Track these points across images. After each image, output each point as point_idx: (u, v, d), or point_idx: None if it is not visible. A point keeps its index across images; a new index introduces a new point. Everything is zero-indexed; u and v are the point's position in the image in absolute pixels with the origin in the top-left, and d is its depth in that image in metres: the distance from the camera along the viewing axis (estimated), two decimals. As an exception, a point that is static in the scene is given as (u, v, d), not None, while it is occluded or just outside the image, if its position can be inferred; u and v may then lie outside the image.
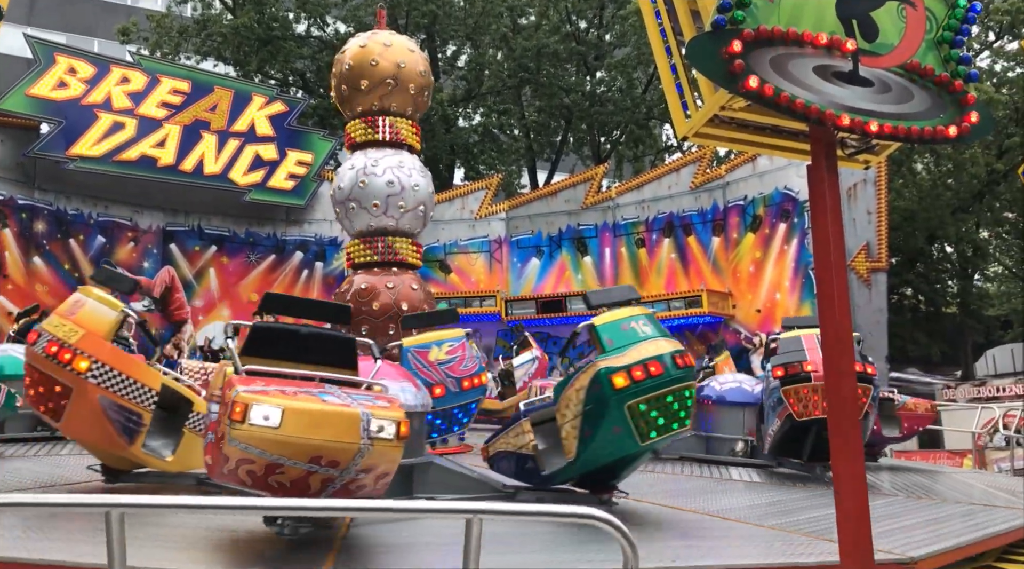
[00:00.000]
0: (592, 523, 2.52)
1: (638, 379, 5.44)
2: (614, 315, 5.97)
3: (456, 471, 6.50)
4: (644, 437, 5.51)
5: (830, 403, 3.98)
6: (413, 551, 4.51)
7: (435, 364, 8.92)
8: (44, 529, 4.67)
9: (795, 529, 5.80)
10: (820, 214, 4.01)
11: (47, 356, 5.73)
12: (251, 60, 24.41)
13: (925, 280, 26.96)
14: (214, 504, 2.56)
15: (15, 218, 16.61)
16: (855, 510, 3.79)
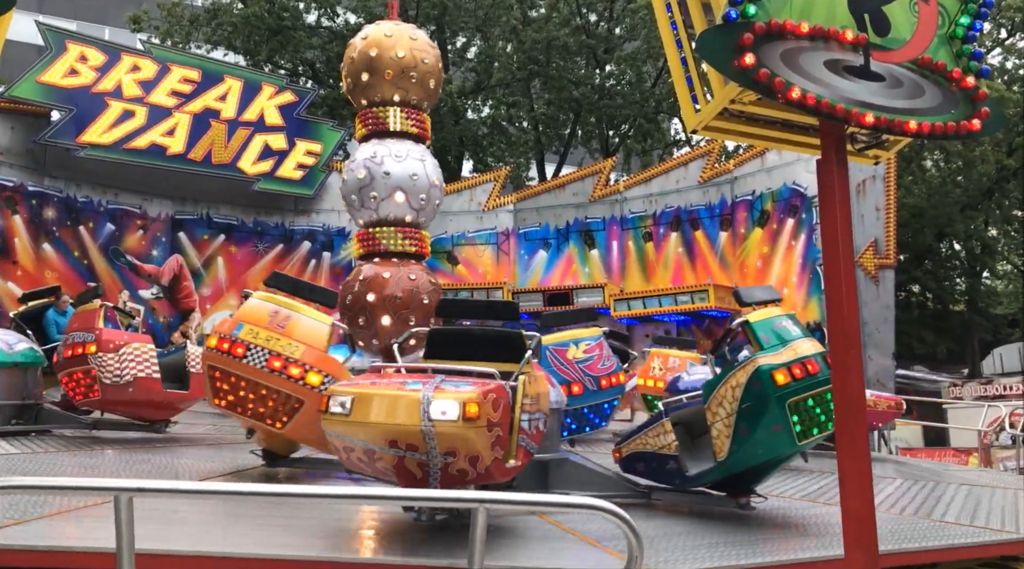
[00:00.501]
0: (598, 514, 2.53)
1: (798, 377, 5.40)
2: (766, 313, 5.90)
3: (591, 469, 6.49)
4: (802, 436, 5.46)
5: (836, 400, 3.98)
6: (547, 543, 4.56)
7: (572, 362, 8.95)
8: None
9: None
10: (829, 209, 4.00)
11: (272, 371, 5.94)
12: (261, 50, 24.43)
13: (933, 277, 26.89)
14: (234, 490, 2.57)
15: (25, 205, 16.68)
16: (860, 508, 3.80)
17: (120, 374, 7.98)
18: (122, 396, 8.11)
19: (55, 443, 8.12)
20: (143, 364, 8.15)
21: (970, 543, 5.54)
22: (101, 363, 7.97)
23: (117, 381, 7.99)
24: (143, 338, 8.52)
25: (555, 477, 6.29)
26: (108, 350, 8.02)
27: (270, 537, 4.60)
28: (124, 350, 8.09)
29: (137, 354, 8.16)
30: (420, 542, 4.65)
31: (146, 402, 8.34)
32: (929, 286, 27.30)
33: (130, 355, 8.10)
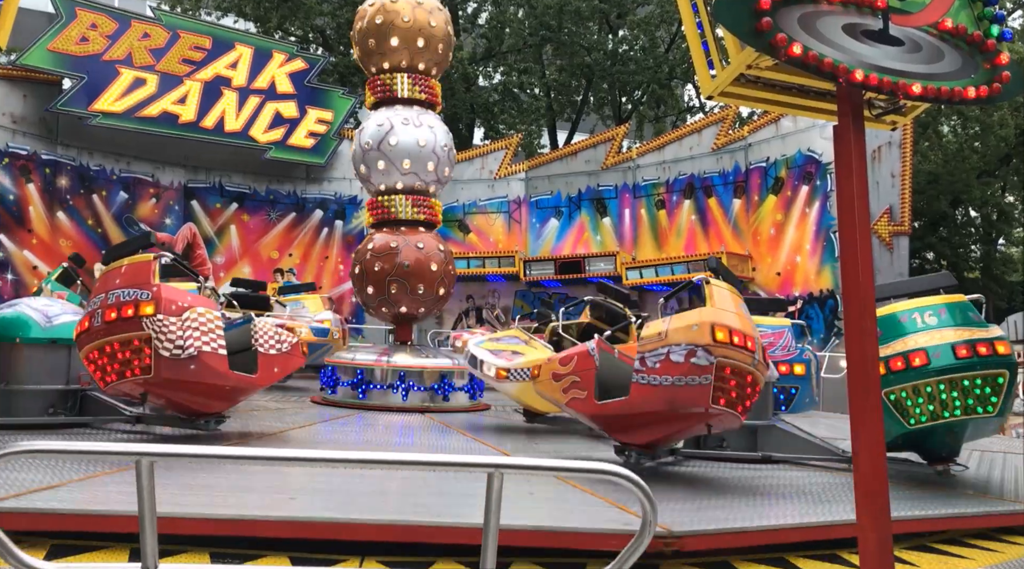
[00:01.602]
0: (612, 479, 2.55)
1: (896, 369, 5.99)
2: (894, 308, 6.44)
3: (797, 435, 7.11)
4: (907, 421, 6.04)
5: (850, 366, 3.98)
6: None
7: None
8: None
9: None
10: (845, 176, 3.97)
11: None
12: (272, 16, 24.28)
13: (948, 244, 26.71)
14: (247, 454, 2.61)
15: (39, 173, 16.75)
16: (873, 474, 3.81)
17: (182, 345, 6.13)
18: (181, 374, 6.20)
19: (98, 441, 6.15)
20: (209, 336, 6.27)
21: (984, 512, 5.56)
22: (161, 328, 6.09)
23: (178, 354, 6.12)
24: (207, 301, 6.60)
25: (763, 441, 7.09)
26: (171, 312, 6.15)
27: (287, 499, 4.68)
28: (188, 315, 6.22)
29: (203, 321, 6.27)
30: (436, 504, 4.72)
31: (206, 386, 6.39)
32: (944, 253, 27.12)
33: (195, 322, 6.22)
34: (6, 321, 6.99)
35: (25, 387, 6.90)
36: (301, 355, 7.27)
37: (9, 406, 6.84)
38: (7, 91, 16.52)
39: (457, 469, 2.49)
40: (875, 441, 3.83)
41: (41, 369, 6.98)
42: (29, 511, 4.19)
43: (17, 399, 6.88)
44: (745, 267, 17.46)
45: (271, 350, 6.89)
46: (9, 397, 6.86)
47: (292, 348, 7.08)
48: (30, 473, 4.86)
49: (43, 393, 6.98)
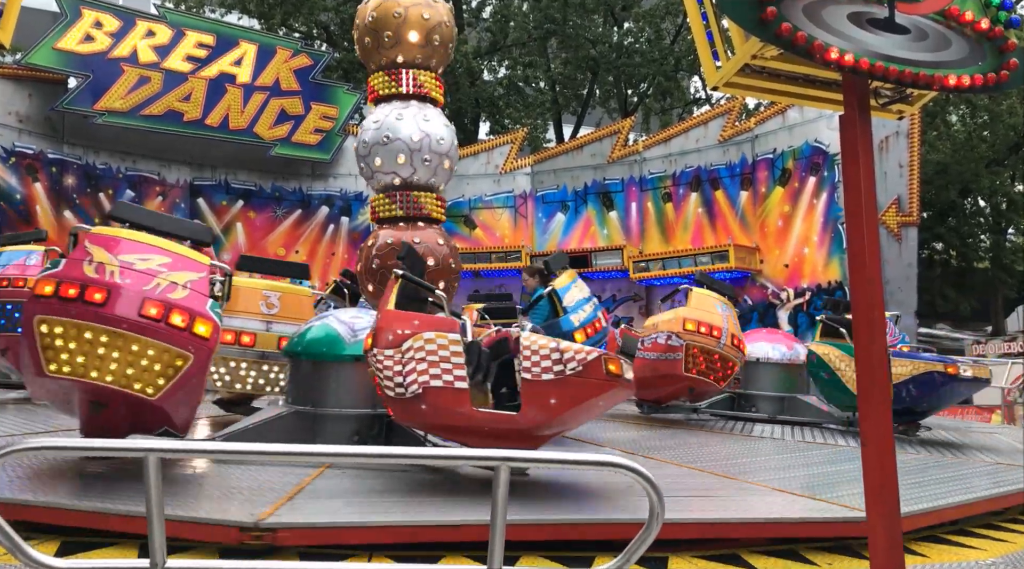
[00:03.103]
0: (618, 471, 2.54)
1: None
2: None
3: (810, 404, 10.04)
4: None
5: (859, 359, 3.96)
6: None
7: None
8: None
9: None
10: (852, 166, 3.94)
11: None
12: (275, 13, 24.27)
13: (957, 234, 26.57)
14: (257, 449, 2.60)
15: (45, 172, 16.80)
16: (882, 469, 3.79)
17: (403, 383, 5.18)
18: (415, 416, 5.39)
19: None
20: (441, 367, 5.09)
21: (991, 495, 5.54)
22: (378, 364, 5.27)
23: (402, 393, 5.19)
24: (441, 322, 5.36)
25: (788, 408, 10.14)
26: (387, 344, 5.23)
27: (299, 501, 4.68)
28: (411, 343, 5.12)
29: (430, 350, 5.10)
30: (442, 501, 4.72)
31: (452, 429, 5.37)
32: (953, 243, 26.99)
33: (419, 352, 5.11)
34: (314, 337, 6.42)
35: (329, 410, 6.25)
36: (607, 380, 4.95)
37: (320, 430, 6.21)
38: (12, 90, 16.56)
39: (463, 462, 2.48)
40: (883, 434, 3.81)
41: (347, 390, 6.28)
42: (39, 505, 4.21)
43: (322, 423, 6.23)
44: (752, 259, 17.40)
45: (544, 375, 4.94)
46: (317, 421, 6.24)
47: (587, 369, 4.89)
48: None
49: (348, 417, 6.27)
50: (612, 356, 4.88)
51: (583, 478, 5.40)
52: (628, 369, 4.94)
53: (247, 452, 2.51)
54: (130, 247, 4.86)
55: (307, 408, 6.22)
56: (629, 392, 5.16)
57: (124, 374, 4.61)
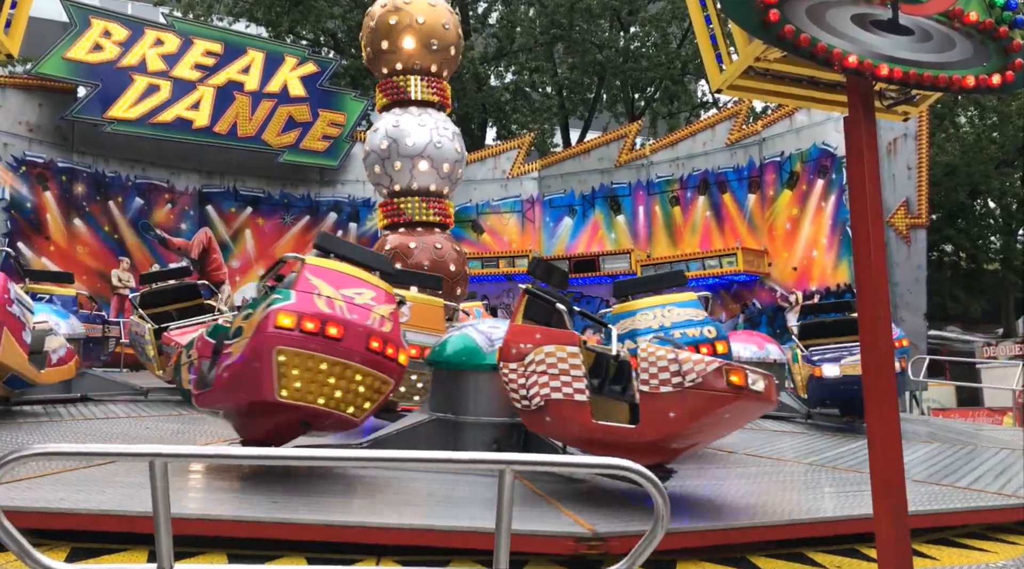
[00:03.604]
0: (624, 474, 2.54)
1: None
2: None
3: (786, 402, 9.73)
4: None
5: (865, 358, 3.94)
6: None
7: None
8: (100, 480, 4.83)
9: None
10: (857, 167, 3.93)
11: None
12: (283, 21, 24.36)
13: (966, 236, 26.41)
14: (257, 454, 2.62)
15: (55, 181, 16.89)
16: (889, 469, 3.78)
17: (527, 395, 5.38)
18: (542, 427, 5.56)
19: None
20: (561, 379, 5.16)
21: (1002, 505, 5.51)
22: (506, 378, 5.56)
23: (527, 406, 5.40)
24: (563, 336, 5.40)
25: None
26: (511, 358, 5.49)
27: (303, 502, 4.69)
28: (532, 356, 5.34)
29: (551, 363, 5.24)
30: (446, 506, 4.72)
31: (575, 441, 5.51)
32: (962, 245, 26.84)
33: (541, 365, 5.26)
34: (454, 347, 6.56)
35: (468, 418, 6.35)
36: (728, 392, 4.58)
37: (461, 437, 6.32)
38: (23, 100, 16.67)
39: (468, 466, 2.49)
40: (891, 435, 3.79)
41: (486, 399, 6.34)
42: (48, 511, 4.22)
43: (463, 430, 6.34)
44: (761, 262, 17.37)
45: (662, 387, 4.70)
46: (458, 428, 6.36)
47: (707, 380, 4.56)
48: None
49: (488, 425, 6.34)
50: (735, 366, 4.58)
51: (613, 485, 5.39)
52: (756, 380, 4.55)
53: (260, 457, 2.52)
54: (345, 281, 5.35)
55: (448, 416, 6.38)
56: (763, 405, 4.70)
57: (339, 399, 5.06)
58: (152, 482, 2.39)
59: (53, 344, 8.14)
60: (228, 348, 5.34)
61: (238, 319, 5.52)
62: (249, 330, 5.17)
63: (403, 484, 5.22)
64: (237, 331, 5.35)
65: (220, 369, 5.30)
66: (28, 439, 6.60)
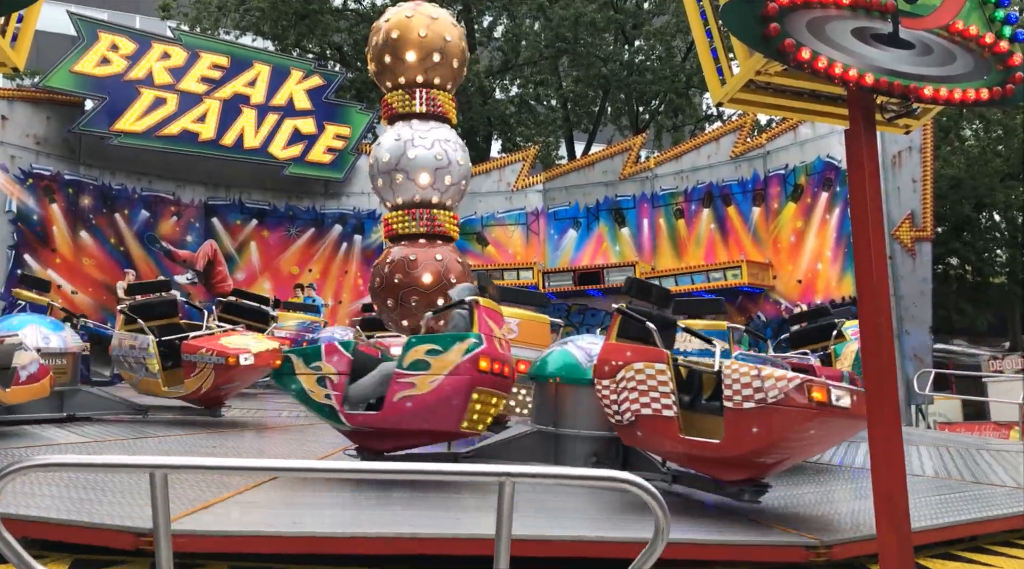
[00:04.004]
0: (625, 488, 2.54)
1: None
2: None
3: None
4: None
5: (866, 370, 3.94)
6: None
7: None
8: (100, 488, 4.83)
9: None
10: (858, 179, 3.95)
11: None
12: (289, 34, 24.52)
13: (972, 249, 26.36)
14: (261, 466, 2.62)
15: (62, 193, 16.97)
16: (892, 484, 3.76)
17: (619, 410, 5.69)
18: (636, 442, 5.87)
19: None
20: (649, 395, 5.46)
21: (1007, 513, 5.48)
22: (600, 394, 5.87)
23: (620, 421, 5.73)
24: (653, 354, 5.62)
25: None
26: (603, 375, 5.78)
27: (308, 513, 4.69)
28: (623, 373, 5.65)
29: (640, 379, 5.55)
30: (449, 517, 4.71)
31: (668, 455, 5.87)
32: (968, 258, 26.78)
33: (631, 381, 5.62)
34: (555, 362, 6.83)
35: (568, 431, 6.60)
36: (810, 408, 4.62)
37: (561, 450, 6.63)
38: (31, 113, 16.78)
39: (467, 478, 2.49)
40: (894, 449, 3.78)
41: (586, 413, 6.52)
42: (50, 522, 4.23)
43: (563, 443, 6.63)
44: (765, 275, 17.35)
45: (745, 403, 4.81)
46: (559, 441, 6.65)
47: (789, 396, 4.63)
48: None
49: (587, 439, 6.56)
50: (818, 383, 4.61)
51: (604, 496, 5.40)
52: (841, 396, 4.56)
53: (251, 469, 2.52)
54: (497, 318, 6.27)
55: (548, 428, 6.69)
56: (853, 421, 4.67)
57: (487, 423, 6.12)
58: (152, 493, 2.39)
59: (22, 359, 7.58)
60: (408, 379, 5.82)
61: (416, 351, 5.92)
62: (443, 368, 5.77)
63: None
64: (421, 364, 5.86)
65: (399, 398, 5.78)
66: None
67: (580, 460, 6.42)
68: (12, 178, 16.20)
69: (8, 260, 15.96)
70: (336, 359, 6.14)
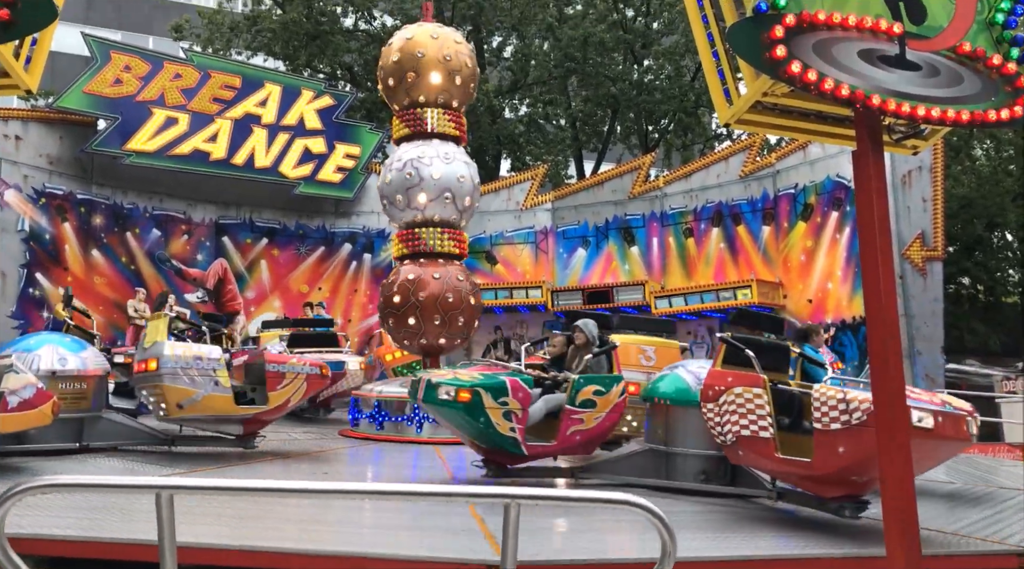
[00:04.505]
0: (630, 509, 2.53)
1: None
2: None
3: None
4: None
5: (875, 394, 3.92)
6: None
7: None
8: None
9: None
10: (866, 201, 3.95)
11: None
12: (300, 55, 24.72)
13: (984, 269, 26.19)
14: (264, 486, 2.62)
15: (74, 212, 17.09)
16: (902, 505, 3.73)
17: (722, 431, 6.36)
18: (740, 461, 6.45)
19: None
20: (748, 418, 6.02)
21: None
22: (706, 416, 6.48)
23: (725, 441, 6.40)
24: (747, 378, 6.24)
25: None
26: (707, 398, 6.49)
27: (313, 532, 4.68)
28: (725, 397, 6.26)
29: (740, 403, 6.12)
30: (450, 539, 4.68)
31: (769, 473, 6.43)
32: (980, 278, 26.61)
33: (732, 404, 6.17)
34: (666, 385, 7.41)
35: (678, 450, 7.17)
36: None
37: (671, 467, 7.24)
38: (44, 133, 16.93)
39: (472, 500, 2.48)
40: (903, 471, 3.75)
41: (695, 433, 7.03)
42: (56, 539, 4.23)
43: (673, 460, 7.21)
44: (775, 294, 17.29)
45: (832, 425, 5.20)
46: (669, 458, 7.24)
47: (871, 418, 4.73)
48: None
49: (696, 457, 7.11)
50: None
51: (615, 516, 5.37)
52: (924, 418, 4.83)
53: (263, 490, 2.53)
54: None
55: (660, 447, 7.32)
56: (946, 443, 5.01)
57: None
58: (158, 514, 2.40)
59: (13, 383, 6.83)
60: (578, 415, 7.02)
61: (584, 392, 7.10)
62: (605, 406, 7.09)
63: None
64: (589, 403, 7.08)
65: (570, 431, 6.99)
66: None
67: (689, 477, 7.06)
68: (25, 197, 16.33)
69: (20, 279, 16.07)
70: (521, 395, 6.83)
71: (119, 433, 8.59)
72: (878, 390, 3.89)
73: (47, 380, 7.76)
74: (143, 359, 8.35)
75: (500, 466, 7.14)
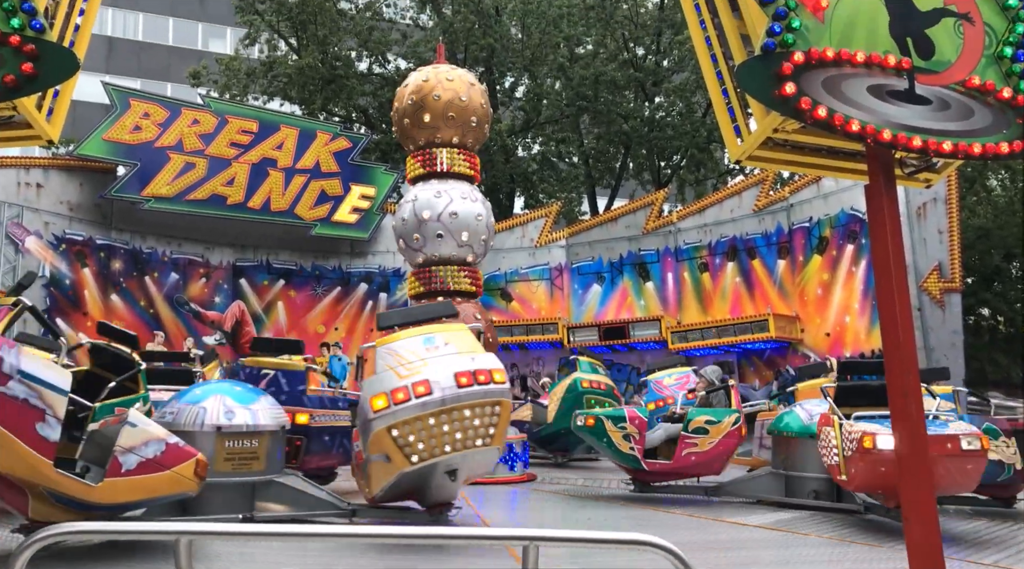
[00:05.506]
0: (652, 551, 2.51)
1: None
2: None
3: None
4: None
5: (897, 429, 3.88)
6: None
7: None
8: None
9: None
10: (880, 235, 3.94)
11: None
12: (315, 99, 25.09)
13: (1004, 300, 25.96)
14: (283, 531, 2.62)
15: (94, 257, 17.29)
16: (926, 539, 3.68)
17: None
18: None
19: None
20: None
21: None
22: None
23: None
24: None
25: None
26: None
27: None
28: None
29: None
30: None
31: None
32: (1000, 309, 26.37)
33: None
34: (786, 420, 9.06)
35: (794, 473, 8.80)
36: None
37: (789, 488, 8.86)
38: (65, 180, 17.20)
39: (491, 542, 2.47)
40: (926, 496, 3.70)
41: (809, 459, 8.48)
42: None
43: (791, 482, 8.84)
44: (793, 328, 17.19)
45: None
46: (788, 481, 8.88)
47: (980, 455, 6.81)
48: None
49: (810, 479, 8.66)
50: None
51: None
52: (973, 441, 6.55)
53: (268, 535, 2.52)
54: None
55: (780, 471, 8.99)
56: (974, 461, 6.67)
57: None
58: (176, 559, 2.40)
59: (129, 440, 5.46)
60: (693, 440, 8.83)
61: (698, 421, 8.95)
62: (718, 434, 8.83)
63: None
64: (702, 430, 8.86)
65: (686, 453, 8.83)
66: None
67: (804, 494, 8.66)
68: (46, 244, 16.55)
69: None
70: (637, 422, 8.98)
71: (293, 501, 7.10)
72: (898, 425, 3.86)
73: (211, 437, 6.77)
74: None
75: (644, 483, 9.26)
